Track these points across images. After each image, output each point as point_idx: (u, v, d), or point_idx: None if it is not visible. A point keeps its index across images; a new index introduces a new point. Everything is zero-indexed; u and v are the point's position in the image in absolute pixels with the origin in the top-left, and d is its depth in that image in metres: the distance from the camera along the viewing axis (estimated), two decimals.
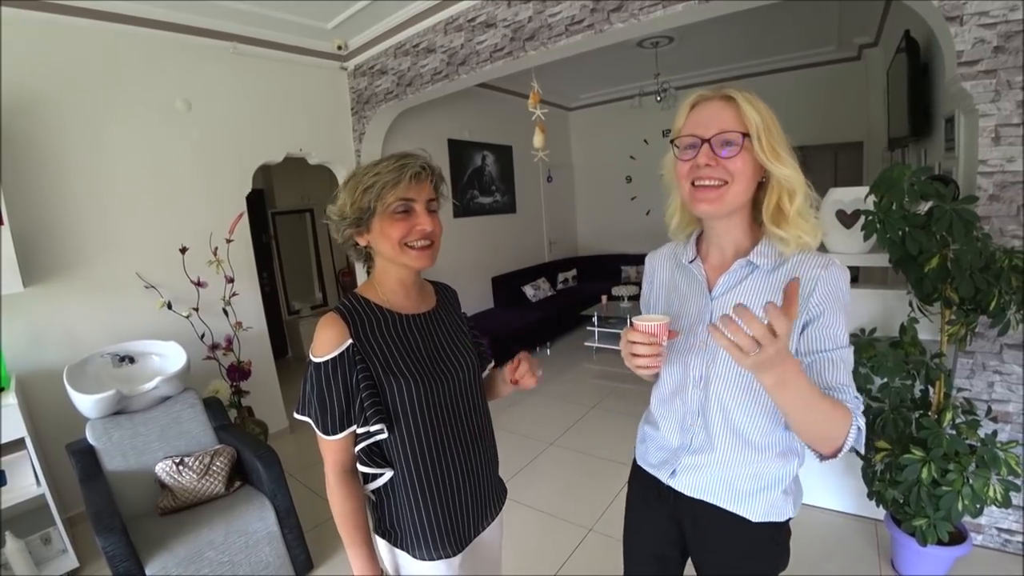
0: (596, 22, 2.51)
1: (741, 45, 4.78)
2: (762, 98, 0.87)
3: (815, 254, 0.90)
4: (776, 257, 0.90)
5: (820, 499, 2.39)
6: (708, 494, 1.00)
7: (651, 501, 1.12)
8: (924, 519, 1.73)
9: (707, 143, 0.85)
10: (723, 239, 0.96)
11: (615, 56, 4.68)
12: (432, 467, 1.03)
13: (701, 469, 1.00)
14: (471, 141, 5.44)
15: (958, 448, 1.68)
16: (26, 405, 2.42)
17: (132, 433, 2.20)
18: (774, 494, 0.96)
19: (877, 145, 4.60)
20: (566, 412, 3.68)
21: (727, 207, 0.88)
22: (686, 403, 1.00)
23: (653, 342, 0.88)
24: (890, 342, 1.94)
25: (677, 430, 1.03)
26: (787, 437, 0.96)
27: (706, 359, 0.95)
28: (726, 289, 0.94)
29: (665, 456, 1.06)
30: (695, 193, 0.88)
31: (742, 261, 0.92)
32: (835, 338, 0.85)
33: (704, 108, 0.87)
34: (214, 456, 2.19)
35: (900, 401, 1.88)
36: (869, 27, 4.25)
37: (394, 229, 0.97)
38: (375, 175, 0.95)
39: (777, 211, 0.88)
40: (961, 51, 1.80)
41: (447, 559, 1.05)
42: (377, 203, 0.95)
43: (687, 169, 0.88)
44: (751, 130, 0.83)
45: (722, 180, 0.85)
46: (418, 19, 3.30)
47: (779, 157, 0.84)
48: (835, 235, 2.15)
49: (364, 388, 0.96)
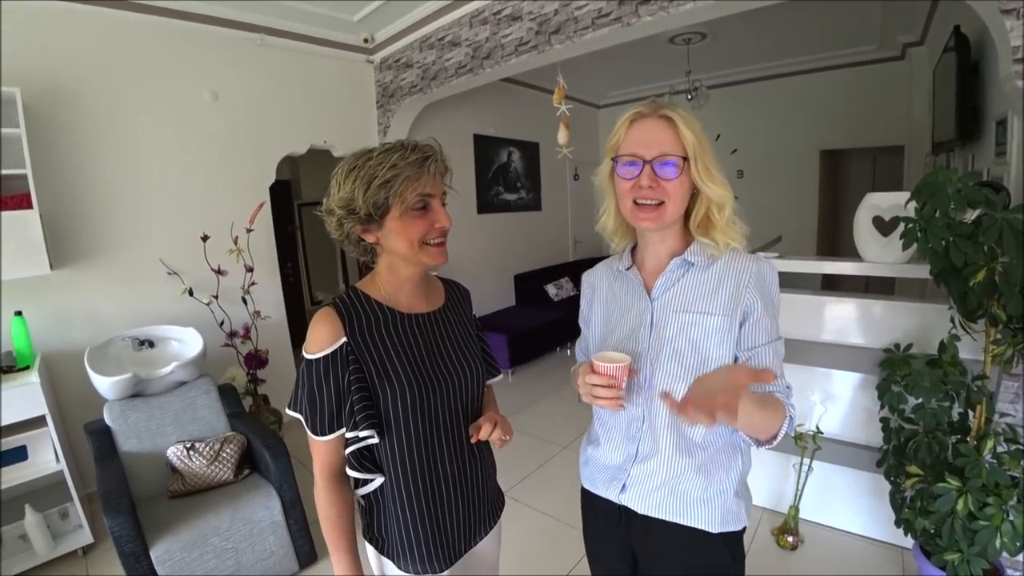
0: (624, 15, 2.43)
1: (776, 43, 4.60)
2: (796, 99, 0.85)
3: (744, 252, 0.96)
4: (708, 256, 0.96)
5: (843, 522, 2.26)
6: (661, 509, 0.97)
7: (602, 529, 1.10)
8: (957, 554, 1.61)
9: (648, 164, 0.89)
10: (658, 247, 1.00)
11: (646, 53, 4.56)
12: (423, 477, 0.97)
13: (650, 479, 0.98)
14: (497, 137, 5.39)
15: (999, 479, 1.55)
16: (50, 384, 2.49)
17: (148, 416, 2.23)
18: (727, 499, 0.96)
19: (919, 150, 4.37)
20: (582, 415, 3.57)
21: (666, 223, 0.93)
22: (631, 409, 0.99)
23: (612, 384, 0.89)
24: (927, 360, 1.82)
25: (622, 441, 1.02)
26: (728, 431, 0.97)
27: (649, 360, 0.96)
28: (664, 289, 0.98)
29: (612, 473, 1.04)
30: (636, 212, 0.93)
31: (678, 260, 0.96)
32: (769, 331, 0.91)
33: (643, 126, 0.90)
34: (224, 443, 2.21)
35: (936, 424, 1.76)
36: (915, 25, 4.03)
37: (414, 228, 0.90)
38: (392, 167, 0.86)
39: (706, 220, 0.95)
40: (1017, 47, 1.67)
41: (433, 574, 1.00)
42: (395, 199, 0.88)
43: (628, 187, 0.92)
44: (689, 152, 0.88)
45: (661, 200, 0.90)
46: (443, 12, 3.27)
47: (712, 177, 0.90)
48: (871, 243, 2.03)
49: (356, 391, 0.91)
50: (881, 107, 4.79)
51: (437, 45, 3.43)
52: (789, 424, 0.86)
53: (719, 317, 0.91)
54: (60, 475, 2.26)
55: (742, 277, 0.92)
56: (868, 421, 2.13)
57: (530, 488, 2.77)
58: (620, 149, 0.93)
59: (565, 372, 4.66)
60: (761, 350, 0.90)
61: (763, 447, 0.90)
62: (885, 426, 1.93)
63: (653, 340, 0.95)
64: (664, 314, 0.96)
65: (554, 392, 4.18)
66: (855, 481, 2.19)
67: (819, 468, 2.19)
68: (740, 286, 0.92)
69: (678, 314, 0.94)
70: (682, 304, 0.95)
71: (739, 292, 0.91)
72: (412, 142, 0.92)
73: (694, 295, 0.95)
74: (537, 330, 4.82)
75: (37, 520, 2.20)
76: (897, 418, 1.88)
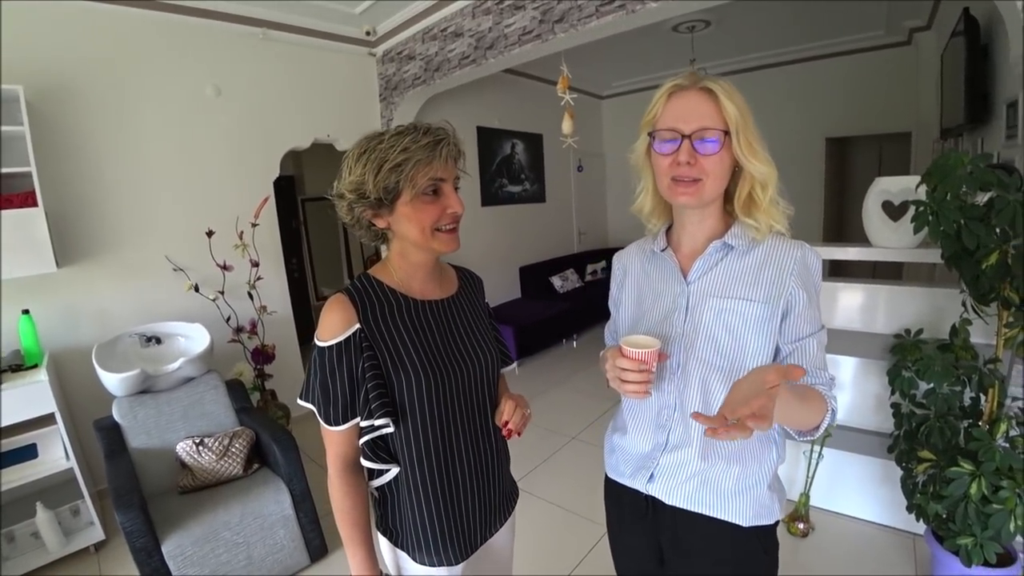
0: (627, 2, 2.40)
1: (781, 30, 4.55)
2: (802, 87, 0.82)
3: (787, 238, 0.92)
4: (749, 240, 0.91)
5: (854, 508, 2.26)
6: (690, 501, 0.93)
7: (628, 522, 1.06)
8: (970, 538, 1.60)
9: (687, 139, 0.84)
10: (696, 228, 0.95)
11: (649, 42, 4.52)
12: (439, 467, 0.96)
13: (681, 469, 0.94)
14: (501, 129, 5.36)
15: (1012, 463, 1.53)
16: (58, 381, 2.50)
17: (156, 412, 2.24)
18: (760, 491, 0.92)
19: (927, 135, 4.32)
20: (590, 406, 3.59)
21: (705, 199, 0.89)
22: (662, 396, 0.95)
23: (643, 369, 0.85)
24: (938, 344, 1.80)
25: (651, 429, 0.97)
26: None
27: (683, 346, 0.91)
28: (701, 273, 0.93)
29: (640, 462, 0.99)
30: (674, 187, 0.88)
31: (717, 243, 0.91)
32: (814, 321, 0.88)
33: (682, 99, 0.86)
34: (233, 438, 2.21)
35: (948, 409, 1.75)
36: (921, 9, 3.98)
37: (425, 213, 0.88)
38: (403, 151, 0.84)
39: (749, 200, 0.90)
40: None
41: (449, 567, 0.99)
42: (406, 184, 0.86)
43: (667, 164, 0.87)
44: (730, 126, 0.83)
45: (698, 177, 0.85)
46: (446, 2, 3.24)
47: (755, 153, 0.85)
48: (880, 227, 2.01)
49: (370, 378, 0.89)
50: (887, 93, 4.74)
51: (440, 36, 3.40)
52: (831, 416, 0.83)
53: (759, 304, 0.87)
54: (70, 472, 2.27)
55: (785, 265, 0.88)
56: (878, 407, 2.12)
57: (539, 478, 2.77)
58: (658, 123, 0.88)
59: (572, 363, 4.66)
60: (806, 342, 0.87)
61: (803, 438, 0.87)
62: (896, 411, 1.92)
63: (688, 326, 0.91)
64: (700, 299, 0.91)
65: (561, 383, 4.18)
66: (866, 467, 2.18)
67: (829, 455, 2.18)
68: (783, 274, 0.87)
69: (715, 299, 0.90)
70: (720, 289, 0.90)
71: (782, 281, 0.87)
72: (425, 125, 0.89)
73: (733, 280, 0.90)
74: (543, 322, 4.81)
75: (48, 517, 2.21)
76: (908, 403, 1.87)
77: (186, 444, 2.15)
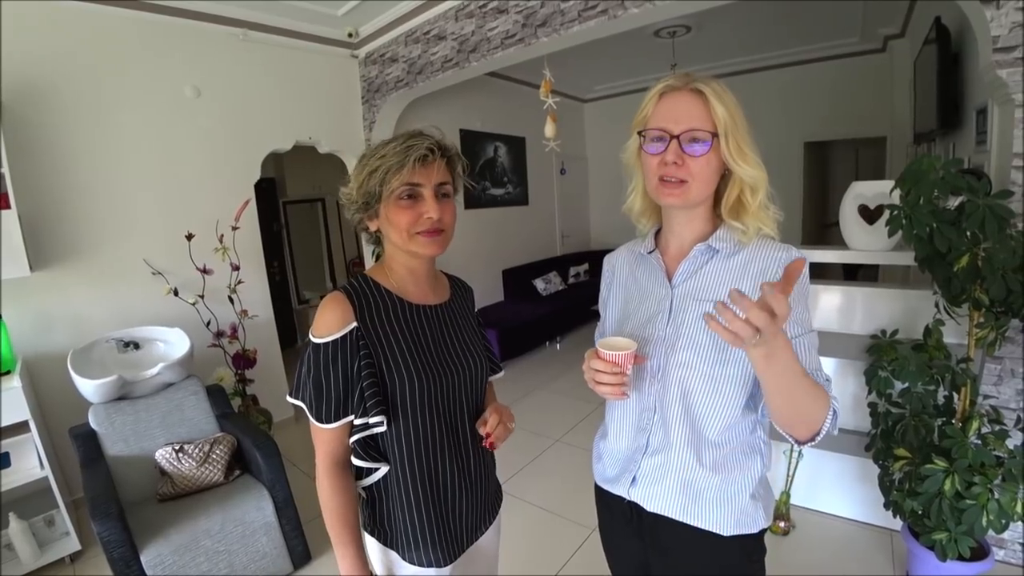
0: (610, 7, 2.43)
1: (759, 36, 4.63)
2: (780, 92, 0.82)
3: (773, 241, 0.90)
4: (735, 243, 0.90)
5: (833, 506, 2.30)
6: (670, 507, 0.93)
7: (617, 526, 1.06)
8: (945, 533, 1.64)
9: (675, 139, 0.84)
10: (683, 229, 0.95)
11: (631, 46, 4.57)
12: (429, 468, 0.97)
13: (661, 472, 0.93)
14: (483, 132, 5.37)
15: (984, 459, 1.58)
16: (32, 388, 2.43)
17: (134, 419, 2.19)
18: (742, 500, 0.91)
19: (901, 140, 4.44)
20: (574, 408, 3.59)
21: (691, 201, 0.88)
22: (643, 399, 0.95)
23: (617, 371, 0.86)
24: (912, 345, 1.85)
25: (632, 432, 0.98)
26: (747, 430, 0.92)
27: (664, 349, 0.91)
28: (686, 276, 0.93)
29: (623, 464, 1.00)
30: (661, 187, 0.87)
31: (701, 246, 0.91)
32: (803, 323, 0.86)
33: (673, 100, 0.85)
34: (214, 444, 2.18)
35: (922, 407, 1.79)
36: (895, 17, 4.08)
37: (400, 216, 0.91)
38: (380, 158, 0.90)
39: (738, 204, 0.89)
40: (997, 36, 1.69)
41: (438, 567, 0.99)
42: (382, 188, 0.90)
43: (655, 164, 0.87)
44: (719, 128, 0.83)
45: (685, 179, 0.85)
46: (428, 6, 3.24)
47: (744, 156, 0.84)
48: (856, 231, 2.05)
49: (366, 376, 0.90)
50: (863, 99, 4.85)
51: (422, 39, 3.40)
52: (833, 419, 0.80)
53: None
54: (45, 481, 2.20)
55: (769, 267, 0.86)
56: (856, 407, 2.16)
57: (523, 481, 2.77)
58: (648, 123, 0.88)
59: (555, 366, 4.67)
60: (795, 342, 0.83)
61: (803, 446, 0.83)
62: (873, 411, 1.97)
63: (670, 329, 0.91)
64: (683, 302, 0.91)
65: (545, 386, 4.19)
66: (844, 466, 2.23)
67: (809, 454, 2.22)
68: (766, 277, 0.86)
69: (698, 303, 0.89)
70: (703, 293, 0.90)
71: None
72: (413, 131, 0.94)
73: (717, 283, 0.89)
74: (527, 324, 4.83)
75: (22, 528, 2.15)
76: (884, 403, 1.91)
77: (165, 451, 2.11)
